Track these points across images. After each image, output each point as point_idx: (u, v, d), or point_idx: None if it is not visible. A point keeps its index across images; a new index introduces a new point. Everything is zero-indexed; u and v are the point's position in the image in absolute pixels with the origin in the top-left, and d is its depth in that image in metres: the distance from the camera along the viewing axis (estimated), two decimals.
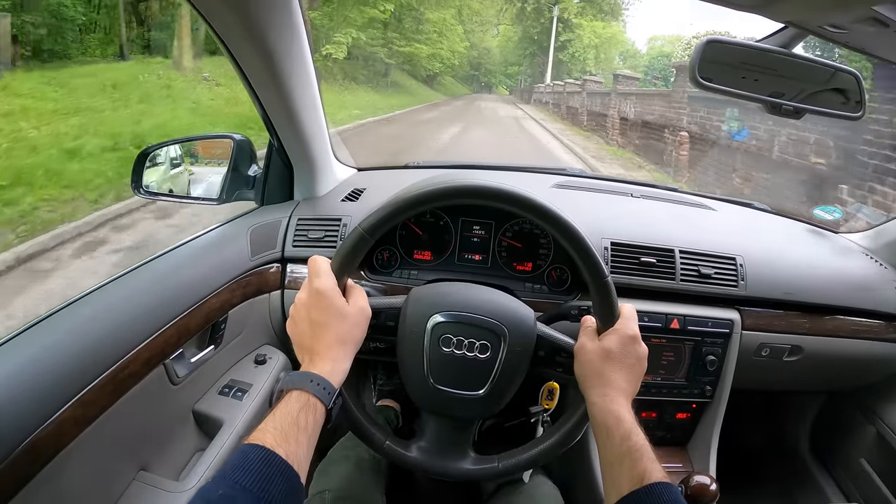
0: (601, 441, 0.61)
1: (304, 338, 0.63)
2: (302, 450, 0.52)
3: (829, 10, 0.61)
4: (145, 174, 0.99)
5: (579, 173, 1.36)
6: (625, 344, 0.65)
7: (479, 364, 0.68)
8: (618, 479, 0.57)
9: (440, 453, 0.72)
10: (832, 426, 1.31)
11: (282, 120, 0.93)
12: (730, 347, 0.99)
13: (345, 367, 0.62)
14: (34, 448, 0.57)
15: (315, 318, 0.62)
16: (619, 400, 0.62)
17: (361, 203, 1.07)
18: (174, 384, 0.84)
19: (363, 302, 0.67)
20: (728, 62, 0.79)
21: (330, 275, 0.64)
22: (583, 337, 0.69)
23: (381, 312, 0.72)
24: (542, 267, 1.00)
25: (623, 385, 0.64)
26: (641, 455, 0.57)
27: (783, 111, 0.80)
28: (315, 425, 0.55)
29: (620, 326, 0.67)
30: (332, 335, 0.62)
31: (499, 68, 41.93)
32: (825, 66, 0.82)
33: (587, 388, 0.66)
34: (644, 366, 0.67)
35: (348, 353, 0.63)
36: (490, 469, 0.71)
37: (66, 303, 0.73)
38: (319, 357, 0.61)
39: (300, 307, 0.64)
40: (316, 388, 0.57)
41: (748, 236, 1.10)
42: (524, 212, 0.67)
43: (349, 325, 0.64)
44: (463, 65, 33.32)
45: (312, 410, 0.55)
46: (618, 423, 0.60)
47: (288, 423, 0.53)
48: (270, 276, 1.01)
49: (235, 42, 0.76)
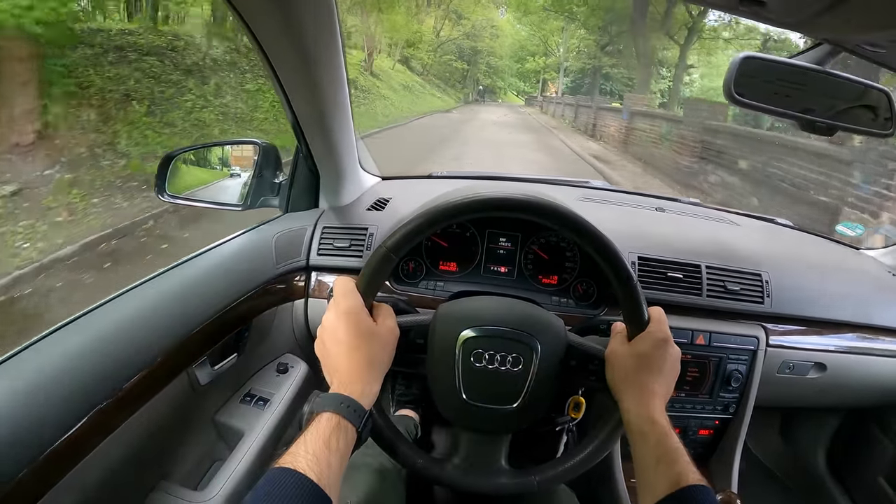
0: (636, 445, 0.60)
1: (333, 359, 0.62)
2: (333, 473, 0.52)
3: (868, 28, 0.62)
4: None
5: (603, 186, 1.36)
6: (657, 347, 0.64)
7: (512, 377, 0.67)
8: (653, 482, 0.56)
9: (476, 470, 0.71)
10: (850, 443, 1.30)
11: (312, 126, 0.92)
12: (754, 364, 0.98)
13: (375, 389, 0.62)
14: (57, 455, 0.57)
15: (343, 339, 0.62)
16: (653, 403, 0.61)
17: (387, 213, 1.06)
18: (196, 392, 0.82)
19: (392, 322, 0.66)
20: (763, 78, 0.79)
21: (357, 295, 0.64)
22: (613, 342, 0.68)
23: (410, 330, 0.71)
24: (569, 280, 1.00)
25: (657, 388, 0.63)
26: (677, 458, 0.56)
27: (816, 128, 0.80)
28: (346, 448, 0.55)
29: (652, 329, 0.66)
30: (361, 356, 0.61)
31: (507, 65, 31.40)
32: (856, 82, 0.83)
33: (620, 394, 0.65)
34: (678, 368, 0.66)
35: (378, 374, 0.62)
36: (528, 483, 0.70)
37: (91, 308, 0.72)
38: (349, 379, 0.60)
39: (328, 329, 0.63)
40: (346, 410, 0.56)
41: (772, 252, 1.10)
42: (545, 220, 0.66)
43: (378, 346, 0.63)
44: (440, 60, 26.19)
45: (343, 433, 0.55)
46: (652, 426, 0.59)
47: (319, 446, 0.52)
48: (295, 285, 1.00)
49: (272, 44, 0.76)
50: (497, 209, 0.67)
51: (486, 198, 0.66)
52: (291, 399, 0.96)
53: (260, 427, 0.89)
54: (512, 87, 34.45)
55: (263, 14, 0.69)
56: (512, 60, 32.14)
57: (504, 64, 31.77)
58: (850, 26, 0.63)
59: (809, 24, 0.63)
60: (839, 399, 1.15)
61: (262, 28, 0.72)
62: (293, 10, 0.69)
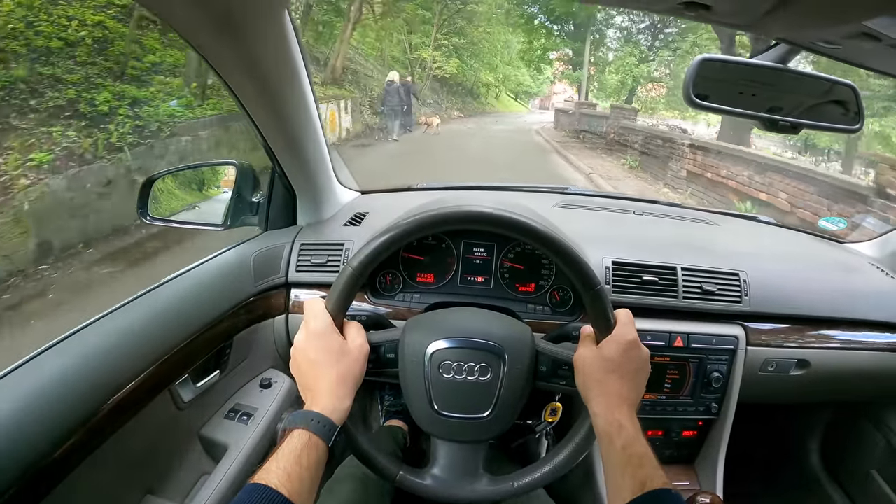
0: (604, 449, 0.61)
1: (306, 378, 0.65)
2: (305, 487, 0.54)
3: (820, 26, 0.61)
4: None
5: (581, 192, 1.35)
6: (624, 350, 0.65)
7: (482, 387, 0.69)
8: (620, 486, 0.57)
9: (454, 479, 0.72)
10: (842, 437, 1.29)
11: (281, 146, 0.94)
12: (735, 364, 0.98)
13: (346, 404, 0.64)
14: (41, 474, 0.59)
15: (314, 358, 0.64)
16: (621, 408, 0.62)
17: (364, 227, 1.08)
18: (179, 409, 0.85)
19: (361, 339, 0.68)
20: (723, 79, 0.79)
21: (325, 315, 0.66)
22: (581, 347, 0.69)
23: (380, 346, 0.73)
24: (545, 288, 1.00)
25: (625, 392, 0.64)
26: (643, 462, 0.57)
27: (780, 127, 0.79)
28: (317, 463, 0.57)
29: (618, 333, 0.66)
30: (332, 374, 0.64)
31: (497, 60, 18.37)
32: (822, 79, 0.82)
33: (589, 398, 0.65)
34: (647, 369, 0.67)
35: (349, 390, 0.65)
36: (506, 489, 0.70)
37: (73, 330, 0.74)
38: (321, 396, 0.62)
39: (299, 349, 0.66)
40: (317, 426, 0.58)
41: (752, 251, 1.09)
42: (510, 231, 0.68)
43: (348, 363, 0.65)
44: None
45: (314, 449, 0.57)
46: (619, 430, 0.60)
47: (291, 462, 0.55)
48: (274, 301, 1.02)
49: (229, 73, 0.78)
50: (462, 222, 0.69)
51: (450, 213, 0.68)
52: (275, 413, 0.97)
53: (244, 441, 0.91)
54: (508, 83, 20.72)
55: (214, 42, 0.71)
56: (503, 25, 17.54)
57: (485, 35, 17.14)
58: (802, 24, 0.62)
59: (760, 25, 0.63)
60: (826, 395, 1.13)
61: (215, 56, 0.74)
62: (251, 49, 0.72)
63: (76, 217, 3.94)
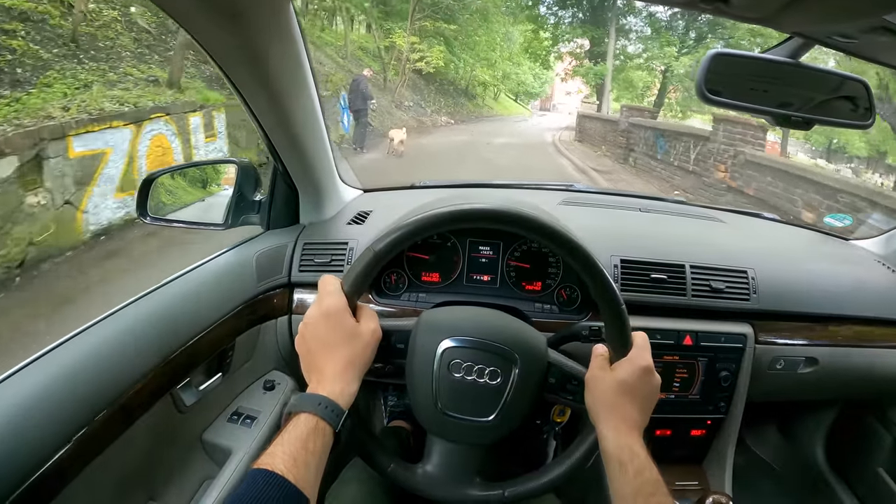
0: (613, 474, 0.60)
1: (313, 357, 0.62)
2: (311, 473, 0.52)
3: (838, 20, 0.60)
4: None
5: (586, 189, 1.35)
6: (638, 376, 0.64)
7: (489, 390, 0.67)
8: None
9: (445, 478, 0.71)
10: (848, 435, 1.29)
11: (284, 144, 0.92)
12: (743, 362, 0.97)
13: (353, 389, 0.62)
14: (42, 481, 0.57)
15: (324, 337, 0.62)
16: (632, 433, 0.61)
17: (367, 226, 1.06)
18: (182, 412, 0.83)
19: (374, 323, 0.66)
20: (735, 74, 0.78)
21: (341, 294, 0.64)
22: (594, 367, 0.67)
23: (392, 334, 0.71)
24: (552, 286, 0.99)
25: (636, 417, 0.63)
26: (655, 490, 0.57)
27: (792, 122, 0.78)
28: (324, 448, 0.55)
29: (634, 356, 0.65)
30: (341, 356, 0.61)
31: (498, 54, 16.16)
32: (833, 74, 0.81)
33: (599, 421, 0.64)
34: (656, 397, 0.66)
35: (357, 374, 0.63)
36: (495, 497, 0.69)
37: (73, 333, 0.73)
38: (328, 379, 0.60)
39: (310, 325, 0.63)
40: (324, 410, 0.57)
41: (758, 248, 1.09)
42: (538, 236, 0.66)
43: (359, 347, 0.63)
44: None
45: (321, 434, 0.55)
46: (632, 457, 0.59)
47: (297, 447, 0.53)
48: (277, 302, 1.00)
49: (233, 68, 0.76)
50: (491, 220, 0.66)
51: (484, 209, 0.65)
52: (279, 416, 0.96)
53: (248, 445, 0.89)
54: (508, 82, 18.60)
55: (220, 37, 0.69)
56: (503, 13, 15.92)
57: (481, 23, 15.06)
58: (818, 18, 0.61)
59: (776, 19, 0.62)
60: (834, 392, 1.13)
61: (219, 51, 0.72)
62: (248, 35, 0.70)
63: None
